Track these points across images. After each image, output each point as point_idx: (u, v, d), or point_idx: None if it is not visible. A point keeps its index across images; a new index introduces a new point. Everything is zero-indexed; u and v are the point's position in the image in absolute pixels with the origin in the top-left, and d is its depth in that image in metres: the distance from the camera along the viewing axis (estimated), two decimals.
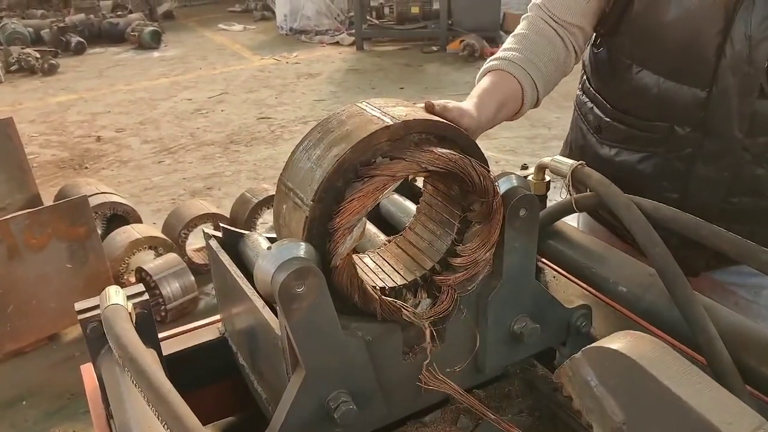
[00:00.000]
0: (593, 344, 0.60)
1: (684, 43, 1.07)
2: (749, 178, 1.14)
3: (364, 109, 0.83)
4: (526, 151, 4.80)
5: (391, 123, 0.77)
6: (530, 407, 0.95)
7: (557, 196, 1.07)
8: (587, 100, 1.33)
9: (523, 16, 1.24)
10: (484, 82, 1.13)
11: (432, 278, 0.87)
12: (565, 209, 1.06)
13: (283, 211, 0.83)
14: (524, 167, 1.19)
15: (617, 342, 0.56)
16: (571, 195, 1.05)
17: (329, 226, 0.76)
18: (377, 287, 0.85)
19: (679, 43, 1.07)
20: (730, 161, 1.13)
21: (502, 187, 0.84)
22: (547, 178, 1.15)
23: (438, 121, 0.81)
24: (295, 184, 0.80)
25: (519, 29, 1.21)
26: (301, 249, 0.74)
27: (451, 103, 0.94)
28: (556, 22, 1.17)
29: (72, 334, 2.94)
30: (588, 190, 1.02)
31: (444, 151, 0.78)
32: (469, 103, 1.02)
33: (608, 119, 1.25)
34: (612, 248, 1.06)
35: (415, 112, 0.82)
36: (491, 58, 1.18)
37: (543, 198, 1.13)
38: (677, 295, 0.85)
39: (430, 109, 0.88)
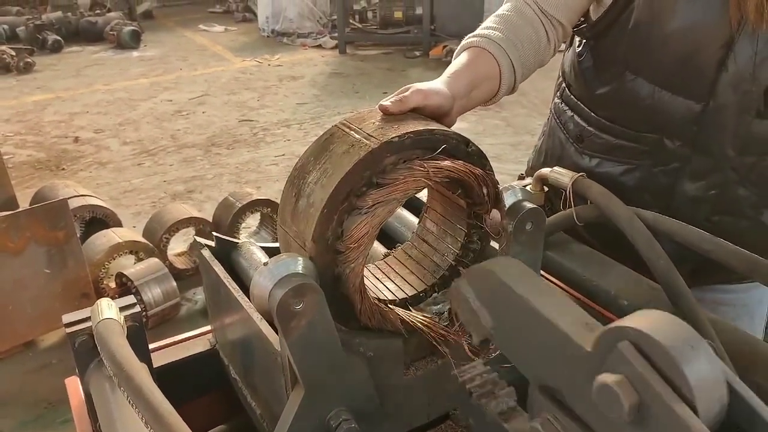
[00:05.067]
0: (473, 266, 0.72)
1: (685, 54, 1.04)
2: (732, 198, 1.12)
3: (347, 132, 0.80)
4: (509, 158, 4.81)
5: (375, 146, 0.74)
6: None
7: None
8: (567, 108, 1.28)
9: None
10: (461, 59, 1.06)
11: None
12: (565, 221, 1.05)
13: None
14: (521, 177, 1.18)
15: (490, 265, 0.68)
16: (570, 206, 1.05)
17: (339, 245, 0.74)
18: (382, 300, 0.83)
19: (679, 54, 1.05)
20: (717, 180, 1.11)
21: (507, 200, 0.82)
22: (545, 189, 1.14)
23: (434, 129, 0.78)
24: (295, 223, 0.78)
25: (502, 10, 1.15)
26: (299, 264, 0.72)
27: (413, 88, 0.88)
28: (540, 10, 1.12)
29: (49, 340, 2.87)
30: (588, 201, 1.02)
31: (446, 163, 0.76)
32: (437, 81, 0.97)
33: (591, 128, 1.21)
34: (612, 261, 1.05)
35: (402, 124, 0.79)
36: (470, 34, 1.11)
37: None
38: (682, 310, 0.84)
39: (398, 109, 0.83)
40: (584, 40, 1.22)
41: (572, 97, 1.27)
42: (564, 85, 1.31)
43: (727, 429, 0.47)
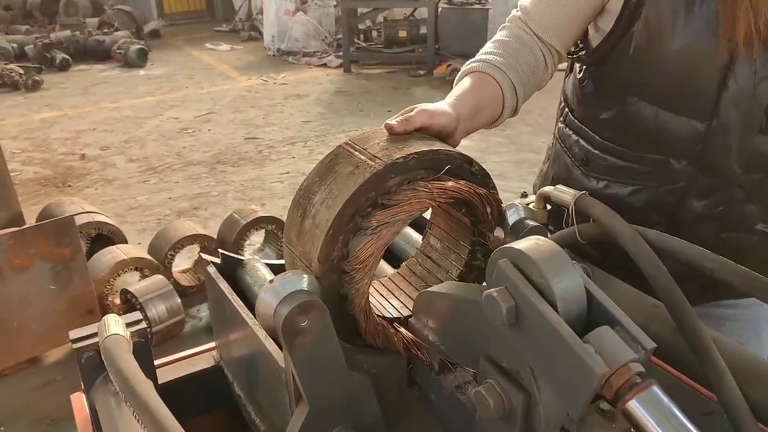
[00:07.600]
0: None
1: (685, 75, 1.05)
2: (740, 214, 1.12)
3: (351, 152, 0.81)
4: (513, 175, 4.83)
5: (379, 167, 0.75)
6: None
7: None
8: (571, 132, 1.29)
9: (502, 25, 1.20)
10: (463, 84, 1.08)
11: None
12: (567, 239, 1.05)
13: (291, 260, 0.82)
14: (524, 195, 1.20)
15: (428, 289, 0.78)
16: (573, 224, 1.05)
17: (344, 265, 0.75)
18: (384, 317, 0.84)
19: (680, 75, 1.06)
20: (723, 197, 1.12)
21: (511, 218, 0.83)
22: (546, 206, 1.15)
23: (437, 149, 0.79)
24: (300, 243, 0.79)
25: (499, 36, 1.17)
26: (305, 282, 0.73)
27: (418, 108, 0.89)
28: (536, 35, 1.14)
29: (52, 357, 2.87)
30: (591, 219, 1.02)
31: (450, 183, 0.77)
32: (442, 103, 0.99)
33: (596, 151, 1.22)
34: (614, 278, 1.05)
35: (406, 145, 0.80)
36: (471, 60, 1.13)
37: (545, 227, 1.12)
38: (684, 327, 0.84)
39: (402, 129, 0.84)
40: (584, 66, 1.23)
41: (576, 121, 1.28)
42: (567, 110, 1.32)
43: (589, 326, 0.57)
